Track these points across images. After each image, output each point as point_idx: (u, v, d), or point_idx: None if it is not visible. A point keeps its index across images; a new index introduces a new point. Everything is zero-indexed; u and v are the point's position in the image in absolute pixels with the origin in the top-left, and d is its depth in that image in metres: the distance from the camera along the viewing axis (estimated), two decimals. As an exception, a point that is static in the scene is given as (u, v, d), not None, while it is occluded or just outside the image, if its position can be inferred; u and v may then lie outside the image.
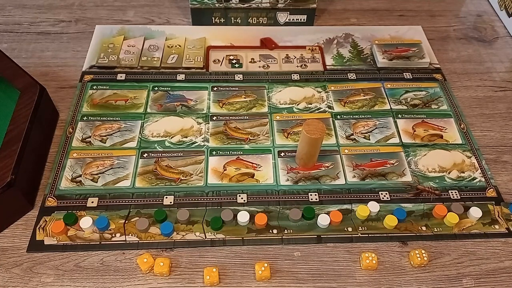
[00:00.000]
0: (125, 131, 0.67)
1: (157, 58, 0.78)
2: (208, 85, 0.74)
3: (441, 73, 0.79)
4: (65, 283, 0.51)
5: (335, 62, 0.80)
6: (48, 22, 0.85)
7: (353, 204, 0.60)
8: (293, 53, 0.81)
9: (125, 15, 0.88)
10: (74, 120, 0.68)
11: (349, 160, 0.65)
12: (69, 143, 0.65)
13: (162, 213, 0.57)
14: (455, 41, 0.87)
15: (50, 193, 0.59)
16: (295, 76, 0.77)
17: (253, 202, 0.59)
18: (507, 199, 0.62)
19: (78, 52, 0.79)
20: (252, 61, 0.79)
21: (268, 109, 0.71)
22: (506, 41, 0.87)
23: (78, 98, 0.71)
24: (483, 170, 0.65)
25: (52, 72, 0.76)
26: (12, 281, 0.51)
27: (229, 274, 0.53)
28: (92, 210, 0.58)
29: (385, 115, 0.71)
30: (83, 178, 0.61)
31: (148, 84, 0.74)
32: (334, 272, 0.54)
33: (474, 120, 0.72)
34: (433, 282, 0.53)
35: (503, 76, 0.80)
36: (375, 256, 0.53)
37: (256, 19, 0.85)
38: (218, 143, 0.66)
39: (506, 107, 0.74)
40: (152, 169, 0.62)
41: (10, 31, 0.83)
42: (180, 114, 0.69)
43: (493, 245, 0.57)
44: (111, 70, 0.76)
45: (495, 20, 0.92)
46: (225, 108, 0.71)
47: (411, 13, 0.92)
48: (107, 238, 0.55)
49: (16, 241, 0.55)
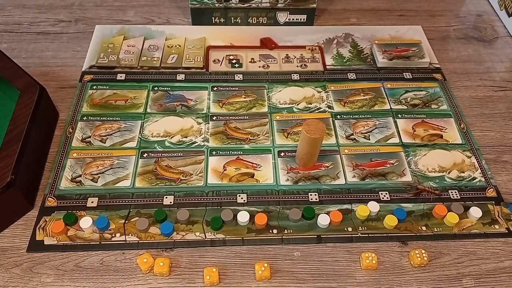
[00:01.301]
0: (125, 131, 0.67)
1: (157, 58, 0.78)
2: (208, 85, 0.74)
3: (441, 73, 0.79)
4: (65, 283, 0.51)
5: (335, 62, 0.80)
6: (48, 22, 0.85)
7: (353, 204, 0.60)
8: (293, 53, 0.81)
9: (125, 15, 0.88)
10: (74, 120, 0.68)
11: (349, 160, 0.65)
12: (69, 143, 0.65)
13: (162, 213, 0.57)
14: (455, 41, 0.87)
15: (50, 193, 0.59)
16: (295, 76, 0.77)
17: (253, 202, 0.59)
18: (507, 199, 0.62)
19: (78, 52, 0.79)
20: (252, 61, 0.79)
21: (268, 109, 0.71)
22: (506, 41, 0.87)
23: (78, 98, 0.71)
24: (483, 170, 0.64)
25: (52, 72, 0.76)
26: (12, 281, 0.51)
27: (229, 274, 0.53)
28: (92, 210, 0.58)
29: (385, 115, 0.71)
30: (83, 178, 0.61)
31: (148, 84, 0.74)
32: (334, 272, 0.54)
33: (474, 120, 0.72)
34: (433, 282, 0.53)
35: (503, 76, 0.80)
36: (375, 256, 0.53)
37: (256, 19, 0.85)
38: (218, 143, 0.66)
39: (506, 107, 0.74)
40: (152, 169, 0.62)
41: (10, 31, 0.83)
42: (180, 114, 0.69)
43: (493, 245, 0.57)
44: (111, 70, 0.76)
45: (495, 20, 0.92)
46: (225, 108, 0.71)
47: (411, 13, 0.92)
48: (107, 238, 0.55)
49: (16, 241, 0.55)
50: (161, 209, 0.58)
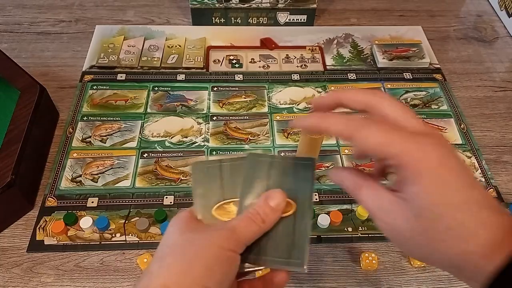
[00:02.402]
0: (125, 131, 0.67)
1: (157, 58, 0.78)
2: (208, 85, 0.74)
3: (441, 73, 0.79)
4: (65, 283, 0.51)
5: (335, 62, 0.80)
6: (48, 22, 0.85)
7: (353, 204, 0.60)
8: (293, 53, 0.81)
9: (125, 15, 0.88)
10: (74, 120, 0.68)
11: (349, 160, 0.65)
12: (69, 143, 0.65)
13: (162, 213, 0.57)
14: (455, 41, 0.87)
15: (50, 193, 0.59)
16: (295, 76, 0.77)
17: (253, 202, 0.59)
18: (507, 199, 0.62)
19: (78, 52, 0.79)
20: (252, 61, 0.79)
21: (268, 109, 0.71)
22: (506, 41, 0.87)
23: (78, 98, 0.71)
24: (483, 170, 0.65)
25: (52, 72, 0.76)
26: (12, 281, 0.51)
27: (229, 274, 0.53)
28: (92, 210, 0.58)
29: (385, 115, 0.71)
30: (83, 178, 0.61)
31: (148, 84, 0.74)
32: (334, 272, 0.54)
33: (474, 120, 0.72)
34: (433, 282, 0.53)
35: (503, 76, 0.80)
36: (375, 256, 0.53)
37: (256, 19, 0.85)
38: (218, 143, 0.66)
39: (506, 107, 0.74)
40: (152, 169, 0.62)
41: (10, 31, 0.83)
42: (180, 114, 0.69)
43: (493, 245, 0.57)
44: (111, 70, 0.76)
45: (495, 20, 0.92)
46: (225, 108, 0.71)
47: (411, 13, 0.92)
48: (107, 238, 0.55)
49: (16, 241, 0.55)
50: (161, 209, 0.58)
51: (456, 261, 0.27)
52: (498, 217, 0.26)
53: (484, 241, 0.26)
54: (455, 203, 0.26)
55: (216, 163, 0.38)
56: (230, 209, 0.36)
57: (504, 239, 0.26)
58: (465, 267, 0.27)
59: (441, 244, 0.27)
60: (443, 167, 0.27)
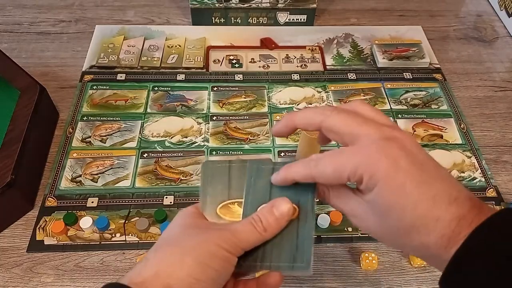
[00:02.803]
0: (125, 131, 0.67)
1: (157, 58, 0.78)
2: (208, 85, 0.74)
3: (441, 73, 0.79)
4: (65, 283, 0.51)
5: (335, 62, 0.80)
6: (48, 22, 0.85)
7: (353, 204, 0.60)
8: (293, 53, 0.81)
9: (125, 15, 0.88)
10: (74, 120, 0.68)
11: (349, 160, 0.64)
12: (69, 143, 0.65)
13: (162, 213, 0.57)
14: (455, 41, 0.87)
15: (50, 193, 0.59)
16: (295, 76, 0.77)
17: (253, 202, 0.59)
18: (507, 199, 0.62)
19: (78, 52, 0.79)
20: (252, 61, 0.79)
21: (268, 109, 0.71)
22: (506, 41, 0.87)
23: (78, 98, 0.71)
24: (483, 170, 0.65)
25: (52, 72, 0.76)
26: (12, 281, 0.51)
27: (229, 274, 0.53)
28: (92, 210, 0.58)
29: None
30: (83, 178, 0.61)
31: (148, 84, 0.74)
32: (334, 272, 0.54)
33: (474, 120, 0.72)
34: (433, 282, 0.53)
35: (503, 76, 0.80)
36: (375, 256, 0.53)
37: (256, 19, 0.85)
38: (218, 143, 0.66)
39: (506, 107, 0.74)
40: (152, 169, 0.62)
41: (10, 31, 0.83)
42: (180, 114, 0.69)
43: (493, 245, 0.57)
44: (111, 70, 0.76)
45: (495, 20, 0.92)
46: (225, 108, 0.71)
47: (411, 13, 0.92)
48: (107, 238, 0.55)
49: (16, 241, 0.55)
50: (161, 209, 0.58)
51: (423, 252, 0.30)
52: (457, 208, 0.28)
53: (441, 233, 0.28)
54: (411, 203, 0.28)
55: (226, 163, 0.38)
56: (234, 209, 0.36)
57: (461, 229, 0.28)
58: (430, 257, 0.30)
59: (407, 239, 0.30)
60: (397, 170, 0.29)
